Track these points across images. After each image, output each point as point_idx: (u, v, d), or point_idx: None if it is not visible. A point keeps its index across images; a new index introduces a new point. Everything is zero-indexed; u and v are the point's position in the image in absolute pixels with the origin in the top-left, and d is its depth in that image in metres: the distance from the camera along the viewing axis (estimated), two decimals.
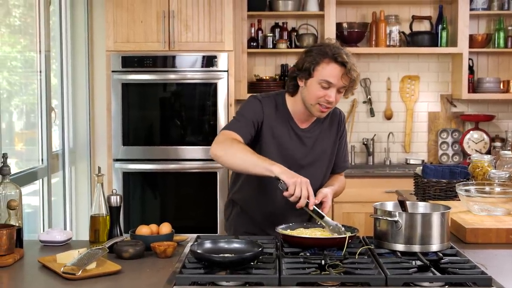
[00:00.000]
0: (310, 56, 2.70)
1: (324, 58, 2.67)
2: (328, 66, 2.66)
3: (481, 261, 2.24)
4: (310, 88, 2.71)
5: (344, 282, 2.01)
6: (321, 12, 5.36)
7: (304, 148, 2.85)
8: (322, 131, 2.89)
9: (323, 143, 2.89)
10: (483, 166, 3.41)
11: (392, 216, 2.33)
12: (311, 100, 2.72)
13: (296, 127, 2.84)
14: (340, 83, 2.68)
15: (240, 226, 2.95)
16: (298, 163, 2.80)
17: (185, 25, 4.91)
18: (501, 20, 5.44)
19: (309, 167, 2.83)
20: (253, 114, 2.77)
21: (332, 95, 2.68)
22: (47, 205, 4.51)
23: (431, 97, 5.68)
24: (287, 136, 2.82)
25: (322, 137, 2.89)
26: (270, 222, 2.73)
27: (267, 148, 2.78)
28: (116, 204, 2.56)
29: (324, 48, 2.70)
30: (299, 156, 2.83)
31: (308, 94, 2.72)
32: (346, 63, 2.65)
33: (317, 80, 2.68)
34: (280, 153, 2.79)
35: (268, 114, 2.80)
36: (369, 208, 2.49)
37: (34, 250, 2.53)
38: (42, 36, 4.46)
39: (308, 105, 2.75)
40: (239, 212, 2.98)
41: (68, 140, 5.06)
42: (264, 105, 2.80)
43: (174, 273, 2.10)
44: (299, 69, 2.74)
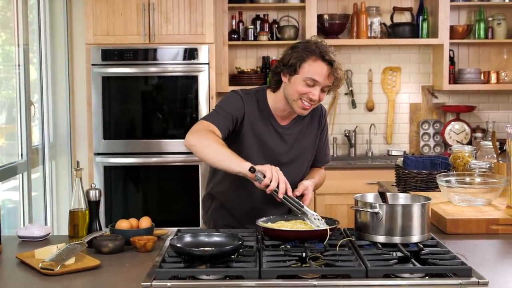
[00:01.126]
0: (296, 52, 2.66)
1: (311, 55, 2.63)
2: (315, 64, 2.63)
3: (462, 251, 2.25)
4: (294, 85, 2.67)
5: (324, 275, 2.00)
6: (302, 4, 5.35)
7: (285, 145, 2.82)
8: (302, 127, 2.87)
9: (304, 139, 2.87)
10: (464, 156, 3.42)
11: (372, 207, 2.33)
12: (294, 96, 2.68)
13: (276, 124, 2.81)
14: (325, 81, 2.65)
15: (220, 219, 2.94)
16: (279, 160, 2.76)
17: (165, 18, 4.88)
18: (481, 11, 5.45)
19: (290, 164, 2.81)
20: (234, 109, 2.73)
21: (316, 93, 2.65)
22: (27, 200, 4.48)
23: (412, 88, 5.69)
24: (267, 134, 2.79)
25: (303, 133, 2.87)
26: (249, 216, 2.71)
27: (248, 144, 2.77)
28: (95, 199, 2.54)
29: (311, 45, 2.66)
30: (280, 153, 2.81)
31: (291, 90, 2.68)
32: (333, 62, 2.63)
33: (302, 77, 2.64)
34: (261, 150, 2.77)
35: (249, 111, 2.76)
36: (351, 200, 2.49)
37: (12, 246, 2.51)
38: (20, 30, 4.41)
39: (290, 101, 2.71)
40: (218, 205, 2.96)
41: (48, 134, 5.02)
42: (246, 102, 2.76)
43: (153, 268, 2.08)
44: (284, 65, 2.69)
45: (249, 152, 2.71)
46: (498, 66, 5.61)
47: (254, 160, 2.59)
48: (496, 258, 2.37)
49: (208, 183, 3.04)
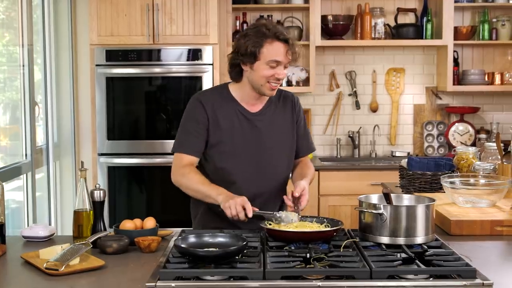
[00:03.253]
0: (250, 40, 2.68)
1: (266, 38, 2.67)
2: (272, 46, 2.67)
3: (466, 253, 2.24)
4: (258, 71, 2.69)
5: (329, 275, 2.01)
6: (306, 5, 5.35)
7: (259, 131, 2.82)
8: (275, 113, 2.87)
9: (279, 125, 2.87)
10: (468, 158, 3.42)
11: (376, 208, 2.33)
12: (261, 81, 2.70)
13: (245, 112, 2.82)
14: (286, 59, 2.69)
15: (209, 223, 2.89)
16: (257, 147, 2.80)
17: (169, 18, 4.89)
18: (485, 12, 5.45)
19: (271, 150, 2.83)
20: (198, 120, 2.79)
21: (281, 72, 2.69)
22: (32, 200, 4.48)
23: (416, 90, 5.68)
24: (237, 123, 2.80)
25: (277, 119, 2.87)
26: None
27: (223, 139, 2.78)
28: (99, 199, 2.54)
29: (261, 28, 2.69)
30: (256, 140, 2.81)
31: (257, 77, 2.71)
32: (288, 39, 2.69)
33: (264, 61, 2.67)
34: (234, 141, 2.79)
35: (210, 108, 2.79)
36: (355, 201, 2.49)
37: (17, 246, 2.51)
38: (25, 30, 4.41)
39: (257, 86, 2.73)
40: (206, 209, 2.91)
41: (52, 134, 5.03)
42: (205, 103, 2.80)
43: (158, 268, 2.08)
44: (242, 54, 2.70)
45: (224, 145, 2.76)
46: (502, 67, 5.60)
47: (235, 151, 2.74)
48: (500, 260, 2.37)
49: None
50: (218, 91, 2.87)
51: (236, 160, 2.78)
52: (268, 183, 2.83)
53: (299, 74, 5.45)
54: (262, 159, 2.79)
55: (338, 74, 5.66)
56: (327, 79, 5.66)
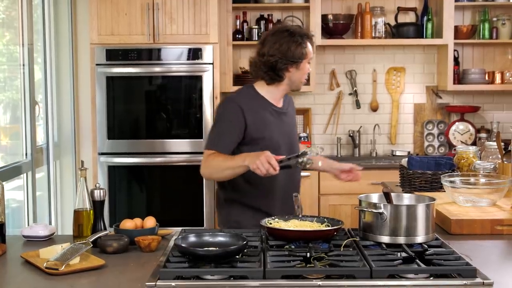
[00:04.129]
0: (295, 43, 2.94)
1: (307, 40, 3.00)
2: (308, 46, 3.00)
3: (466, 252, 2.24)
4: (303, 69, 3.01)
5: (329, 275, 2.01)
6: (307, 4, 5.35)
7: (287, 124, 3.12)
8: (289, 105, 3.20)
9: (293, 115, 3.24)
10: (468, 157, 3.42)
11: (377, 208, 2.32)
12: (303, 78, 3.04)
13: (276, 108, 3.07)
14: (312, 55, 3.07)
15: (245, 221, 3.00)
16: (288, 138, 3.10)
17: (169, 18, 4.88)
18: (486, 11, 5.45)
19: (294, 141, 3.16)
20: (232, 124, 2.95)
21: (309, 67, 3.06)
22: (32, 199, 4.48)
23: (416, 89, 5.68)
24: (271, 119, 3.02)
25: (291, 110, 3.22)
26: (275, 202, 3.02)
27: (263, 136, 2.97)
28: (99, 198, 2.54)
29: (293, 31, 2.98)
30: (287, 132, 3.10)
31: (301, 74, 3.02)
32: (312, 36, 3.05)
33: (307, 60, 3.00)
34: (273, 135, 3.00)
35: (248, 110, 2.96)
36: (355, 200, 2.49)
37: (17, 246, 2.51)
38: (25, 30, 4.41)
39: (298, 83, 3.05)
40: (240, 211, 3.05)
41: (53, 134, 5.02)
42: (242, 105, 2.96)
43: (158, 267, 2.08)
44: (290, 58, 2.94)
45: (268, 141, 2.96)
46: (503, 66, 5.60)
47: (275, 145, 2.95)
48: (500, 259, 2.36)
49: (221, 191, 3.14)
50: (249, 92, 3.05)
51: (275, 153, 2.82)
52: (298, 172, 3.16)
53: None
54: (292, 149, 3.04)
55: (339, 73, 5.66)
56: (328, 78, 5.66)
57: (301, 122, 5.57)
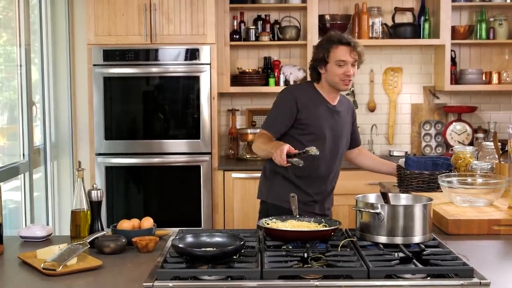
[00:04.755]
0: (321, 48, 3.34)
1: (332, 44, 3.30)
2: (338, 49, 3.28)
3: (463, 252, 2.25)
4: (331, 71, 3.30)
5: (326, 275, 2.01)
6: (304, 4, 5.35)
7: (336, 120, 3.41)
8: (344, 108, 3.48)
9: (346, 117, 3.50)
10: (466, 157, 3.42)
11: (374, 208, 2.33)
12: (335, 79, 3.30)
13: (329, 104, 3.40)
14: (350, 58, 3.28)
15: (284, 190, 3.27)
16: (335, 133, 3.38)
17: (167, 18, 4.88)
18: (483, 11, 5.45)
19: (340, 138, 3.42)
20: (284, 110, 3.33)
21: (349, 69, 3.28)
22: (29, 200, 4.48)
23: (414, 89, 5.69)
24: (326, 113, 3.37)
25: (345, 112, 3.49)
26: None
27: (312, 124, 3.31)
28: (97, 199, 2.54)
29: (329, 37, 3.34)
30: (335, 127, 3.39)
31: (331, 76, 3.31)
32: (350, 41, 3.29)
33: (333, 62, 3.28)
34: (321, 126, 3.33)
35: (302, 100, 3.33)
36: (353, 201, 2.49)
37: (14, 246, 2.51)
38: (22, 30, 4.41)
39: (334, 84, 3.33)
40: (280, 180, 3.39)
41: (50, 134, 5.02)
42: (297, 94, 3.36)
43: (155, 268, 2.09)
44: (316, 60, 3.34)
45: (316, 130, 3.31)
46: (500, 66, 5.61)
47: (321, 135, 3.31)
48: (497, 259, 2.37)
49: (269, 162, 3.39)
50: (307, 86, 3.44)
51: (320, 142, 3.28)
52: (336, 165, 3.45)
53: (297, 73, 5.45)
54: (336, 144, 3.39)
55: None
56: None
57: None
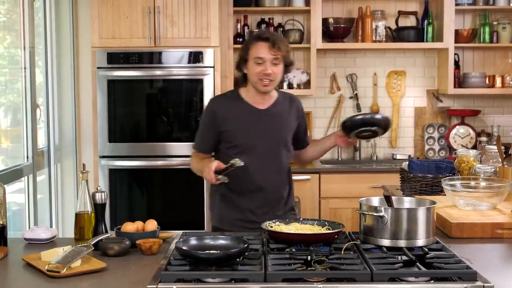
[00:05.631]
0: (243, 45, 3.14)
1: (251, 41, 3.09)
2: (256, 46, 3.04)
3: (467, 255, 2.25)
4: (249, 69, 3.07)
5: (330, 278, 2.01)
6: (307, 8, 5.35)
7: (272, 123, 3.14)
8: (283, 109, 3.20)
9: (283, 123, 3.19)
10: (469, 160, 3.42)
11: (377, 211, 2.33)
12: (254, 78, 3.06)
13: (254, 109, 3.14)
14: (270, 55, 3.01)
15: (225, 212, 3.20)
16: (265, 140, 3.11)
17: (170, 21, 4.89)
18: (486, 15, 5.46)
19: (275, 145, 3.15)
20: (207, 123, 3.18)
21: (267, 68, 3.02)
22: (33, 202, 4.48)
23: (417, 92, 5.69)
24: (254, 119, 3.13)
25: (281, 117, 3.19)
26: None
27: (235, 135, 3.12)
28: (101, 201, 2.55)
29: (251, 35, 3.21)
30: (264, 134, 3.12)
31: (250, 75, 3.07)
32: (270, 37, 3.03)
33: (251, 60, 3.05)
34: (245, 135, 3.11)
35: (220, 110, 3.14)
36: (356, 204, 2.49)
37: (18, 248, 2.52)
38: (26, 33, 4.42)
39: (253, 84, 3.08)
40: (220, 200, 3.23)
41: (54, 137, 5.03)
42: (215, 107, 3.17)
43: (159, 270, 2.09)
44: (239, 60, 3.13)
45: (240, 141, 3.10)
46: (503, 70, 5.60)
47: (247, 145, 3.09)
48: (501, 262, 2.37)
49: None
50: (230, 95, 3.25)
51: (251, 152, 3.08)
52: (273, 175, 3.16)
53: (300, 76, 5.46)
54: (272, 151, 3.14)
55: (339, 76, 5.67)
56: (328, 82, 5.67)
57: None
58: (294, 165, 3.40)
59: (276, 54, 3.01)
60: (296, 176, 4.86)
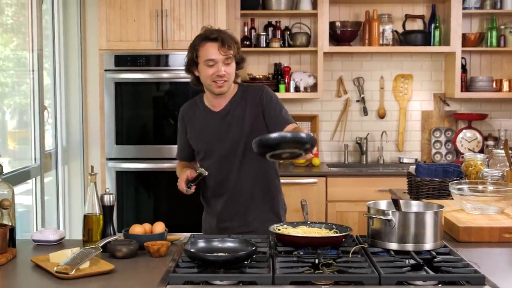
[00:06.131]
0: (191, 46, 2.97)
1: (198, 42, 2.93)
2: (204, 47, 2.90)
3: (474, 259, 2.24)
4: (201, 73, 2.94)
5: (337, 281, 2.01)
6: (314, 11, 5.36)
7: (232, 122, 3.00)
8: (237, 109, 3.01)
9: (243, 119, 2.98)
10: (476, 164, 3.42)
11: (385, 215, 2.33)
12: (207, 81, 2.93)
13: (210, 112, 3.05)
14: (220, 56, 2.88)
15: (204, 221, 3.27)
16: (226, 143, 3.00)
17: (178, 24, 4.90)
18: (493, 19, 5.45)
19: (240, 146, 2.98)
20: (180, 133, 3.16)
21: (220, 69, 2.89)
22: (40, 204, 4.50)
23: (424, 96, 5.69)
24: (204, 124, 3.05)
25: (240, 114, 3.00)
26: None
27: (197, 142, 3.09)
28: (109, 203, 2.56)
29: (197, 36, 2.97)
30: (230, 130, 3.00)
31: (202, 78, 2.95)
32: (217, 37, 2.88)
33: (202, 63, 2.91)
34: (205, 140, 3.05)
35: (185, 117, 3.12)
36: (362, 207, 2.49)
37: (27, 250, 2.53)
38: (34, 35, 4.44)
39: (207, 87, 2.97)
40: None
41: (61, 139, 5.05)
42: (183, 111, 3.14)
43: (167, 273, 2.09)
44: (188, 63, 2.99)
45: (202, 147, 3.06)
46: (511, 74, 5.60)
47: (208, 150, 3.03)
48: (509, 267, 2.36)
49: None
50: (194, 100, 3.15)
51: (211, 157, 3.03)
52: (235, 178, 3.03)
53: (307, 80, 5.46)
54: (227, 155, 3.01)
55: (346, 80, 5.67)
56: (335, 85, 5.67)
57: (308, 128, 5.58)
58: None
59: (226, 53, 2.89)
60: (302, 179, 4.91)
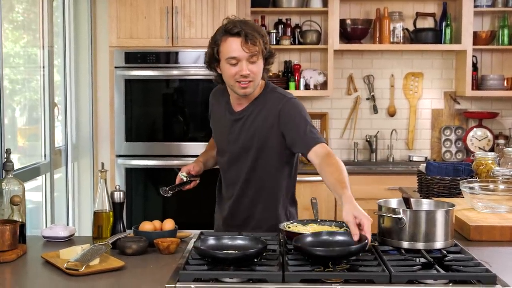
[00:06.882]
0: (212, 40, 2.66)
1: (220, 37, 2.60)
2: (226, 43, 2.58)
3: (485, 258, 2.23)
4: (223, 71, 2.64)
5: (348, 279, 2.00)
6: (325, 9, 5.35)
7: (237, 130, 2.76)
8: (256, 114, 2.72)
9: (258, 126, 2.71)
10: (487, 163, 3.40)
11: (396, 213, 2.32)
12: (230, 81, 2.64)
13: (231, 110, 2.79)
14: (243, 53, 2.57)
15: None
16: (236, 146, 2.76)
17: (188, 21, 4.90)
18: (505, 17, 5.42)
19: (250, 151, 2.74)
20: (209, 115, 3.01)
21: (244, 68, 2.58)
22: (50, 200, 4.51)
23: (434, 94, 5.67)
24: (223, 119, 2.83)
25: (256, 120, 2.72)
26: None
27: (214, 131, 2.97)
28: (119, 200, 2.56)
29: (219, 29, 2.64)
30: (235, 139, 2.77)
31: (226, 78, 2.66)
32: (239, 32, 2.56)
33: (223, 60, 2.61)
34: (221, 137, 2.86)
35: (213, 103, 2.95)
36: (372, 205, 2.49)
37: (37, 246, 2.53)
38: (45, 32, 4.44)
39: (230, 87, 2.68)
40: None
41: (71, 135, 5.06)
42: (212, 96, 2.96)
43: (177, 269, 2.09)
44: (209, 59, 2.69)
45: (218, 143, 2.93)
46: None
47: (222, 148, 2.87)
48: None
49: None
50: (222, 89, 2.85)
51: (224, 158, 2.86)
52: (241, 186, 2.81)
53: (317, 77, 5.45)
54: (235, 160, 2.79)
55: (356, 78, 5.66)
56: (345, 83, 5.66)
57: (318, 126, 5.57)
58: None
59: (251, 50, 2.56)
60: (312, 177, 4.89)
